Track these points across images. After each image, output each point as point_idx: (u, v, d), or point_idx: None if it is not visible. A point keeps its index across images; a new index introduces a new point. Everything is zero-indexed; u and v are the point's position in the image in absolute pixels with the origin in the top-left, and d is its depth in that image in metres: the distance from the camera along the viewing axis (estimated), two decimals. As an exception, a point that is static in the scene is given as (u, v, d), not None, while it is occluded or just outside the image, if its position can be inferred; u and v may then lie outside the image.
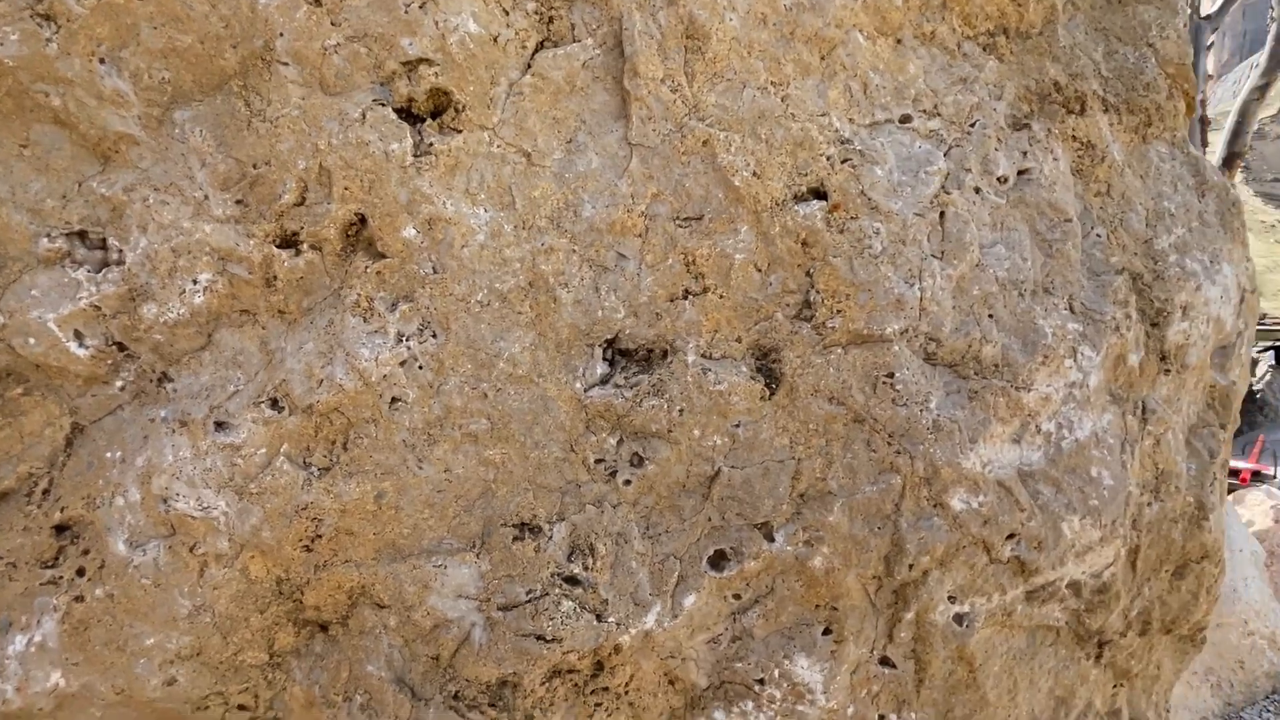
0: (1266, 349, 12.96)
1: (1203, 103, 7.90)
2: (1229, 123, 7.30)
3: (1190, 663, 1.31)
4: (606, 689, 1.02)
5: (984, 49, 1.20)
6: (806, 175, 1.05)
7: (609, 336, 1.02)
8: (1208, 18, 7.87)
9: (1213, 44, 8.18)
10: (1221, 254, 1.20)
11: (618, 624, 0.99)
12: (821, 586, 1.04)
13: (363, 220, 0.94)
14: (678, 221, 1.02)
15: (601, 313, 1.01)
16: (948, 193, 1.07)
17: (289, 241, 0.93)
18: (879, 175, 1.06)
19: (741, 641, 1.06)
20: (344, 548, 0.96)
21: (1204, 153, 8.35)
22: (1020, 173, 1.14)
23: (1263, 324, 12.02)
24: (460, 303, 0.96)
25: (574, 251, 0.99)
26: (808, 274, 1.04)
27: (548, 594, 0.98)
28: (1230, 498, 7.07)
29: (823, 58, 1.09)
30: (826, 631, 1.06)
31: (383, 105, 0.94)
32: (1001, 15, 1.21)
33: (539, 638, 0.96)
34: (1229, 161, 7.24)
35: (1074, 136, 1.18)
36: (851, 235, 1.04)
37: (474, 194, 0.96)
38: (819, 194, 1.05)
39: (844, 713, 1.07)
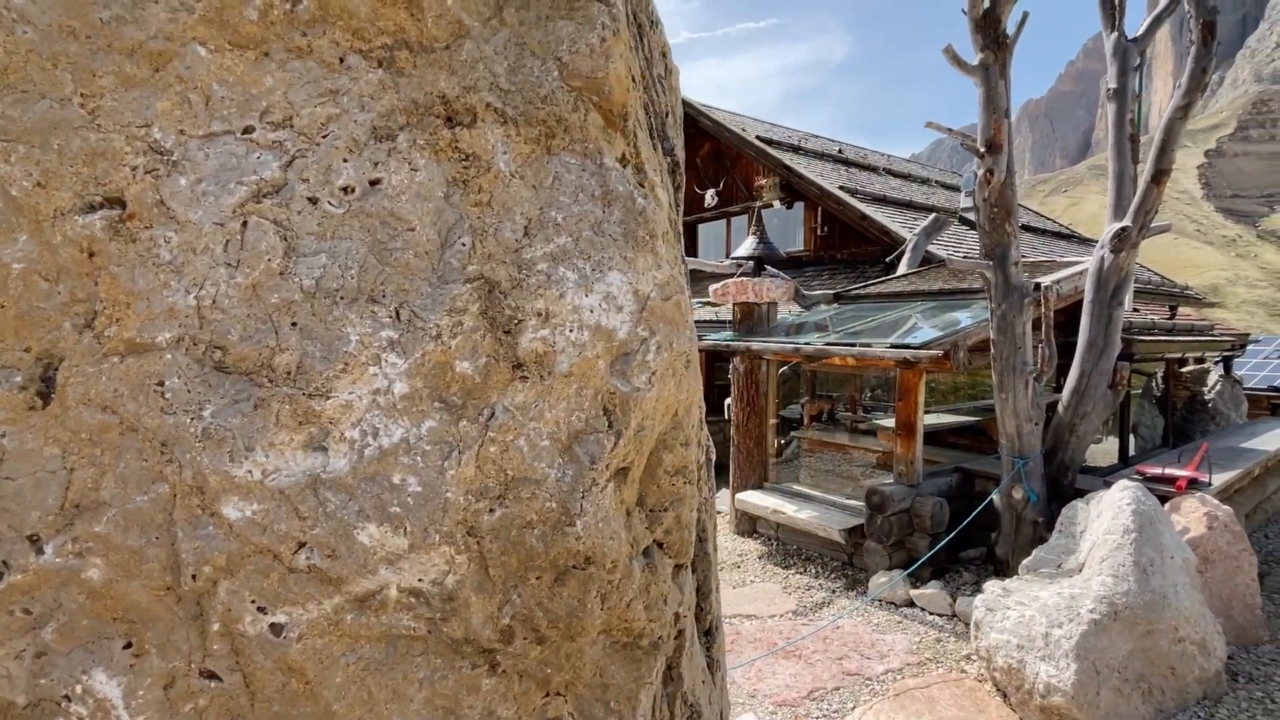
0: (1218, 360, 12.86)
1: (1132, 121, 7.93)
2: (1155, 141, 7.34)
3: (657, 669, 1.28)
4: (-127, 707, 1.00)
5: (379, 63, 1.21)
6: (105, 185, 1.06)
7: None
8: (1134, 40, 7.95)
9: (1140, 65, 8.21)
10: (612, 263, 1.19)
11: None
12: (107, 599, 1.03)
13: None
14: (-38, 233, 1.03)
15: None
16: (258, 202, 1.08)
17: None
18: (183, 185, 1.06)
19: (46, 657, 1.04)
20: None
21: (1135, 169, 8.40)
22: (372, 183, 1.14)
23: (1212, 335, 11.92)
24: None
25: None
26: (96, 283, 1.04)
27: None
28: (1167, 506, 6.95)
29: (156, 70, 1.11)
30: (127, 645, 1.05)
31: None
32: (400, 30, 1.22)
33: None
34: (1157, 177, 7.24)
35: (457, 148, 1.19)
36: (141, 245, 1.05)
37: None
38: (120, 203, 1.06)
39: (160, 730, 1.05)
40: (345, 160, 1.13)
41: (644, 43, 1.59)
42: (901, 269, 12.16)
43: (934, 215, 12.76)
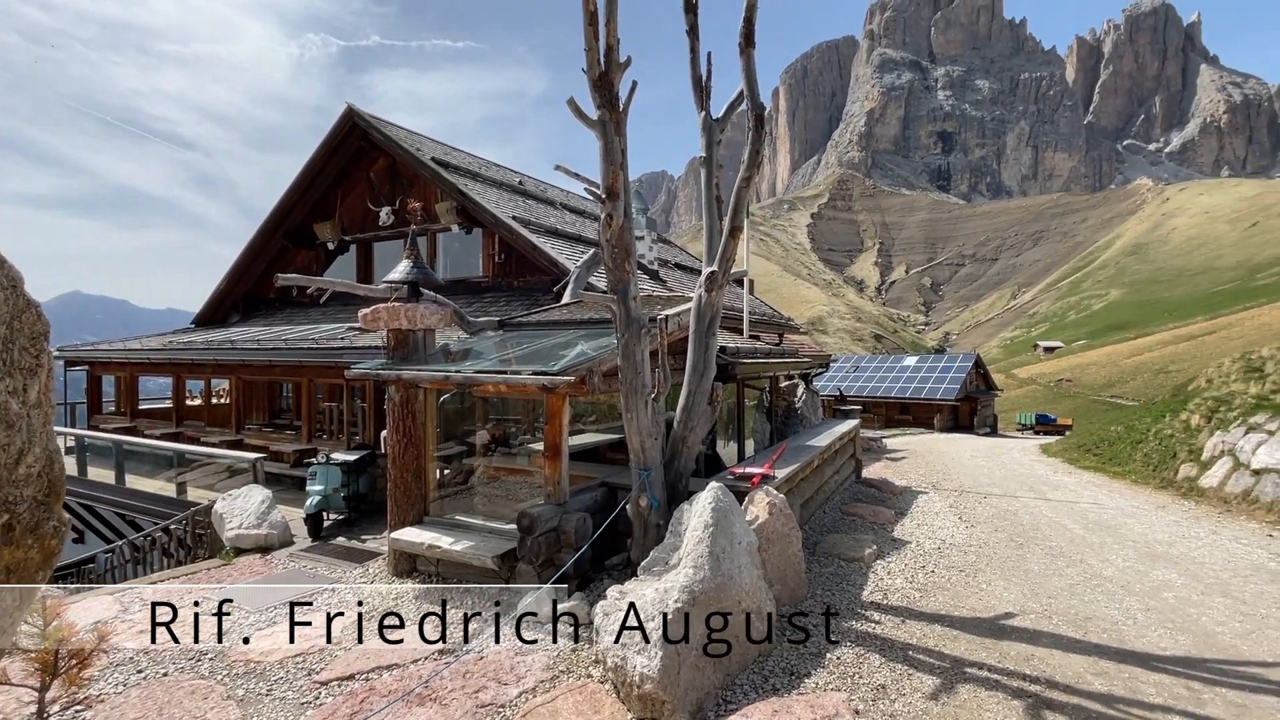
0: (802, 375, 16.46)
1: (716, 185, 9.52)
2: (730, 205, 8.65)
3: None
4: None
5: None
6: None
7: None
8: (719, 119, 9.54)
9: (722, 140, 9.82)
10: None
11: None
12: None
13: None
14: None
15: None
16: None
17: None
18: None
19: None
20: None
21: (721, 225, 9.83)
22: None
23: (798, 357, 15.14)
24: None
25: None
26: None
27: None
28: (746, 499, 8.12)
29: None
30: None
31: None
32: None
33: None
34: (733, 232, 8.59)
35: None
36: None
37: None
38: None
39: None
40: None
41: None
42: (565, 299, 12.93)
43: (594, 250, 13.90)
